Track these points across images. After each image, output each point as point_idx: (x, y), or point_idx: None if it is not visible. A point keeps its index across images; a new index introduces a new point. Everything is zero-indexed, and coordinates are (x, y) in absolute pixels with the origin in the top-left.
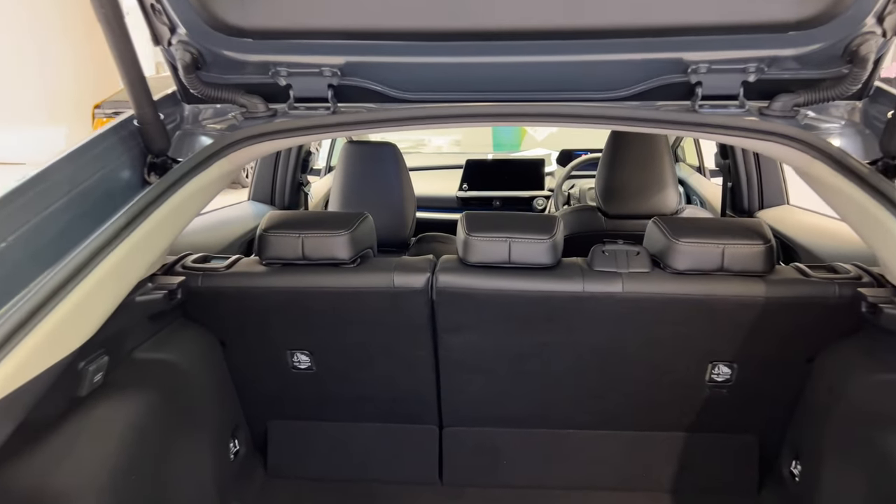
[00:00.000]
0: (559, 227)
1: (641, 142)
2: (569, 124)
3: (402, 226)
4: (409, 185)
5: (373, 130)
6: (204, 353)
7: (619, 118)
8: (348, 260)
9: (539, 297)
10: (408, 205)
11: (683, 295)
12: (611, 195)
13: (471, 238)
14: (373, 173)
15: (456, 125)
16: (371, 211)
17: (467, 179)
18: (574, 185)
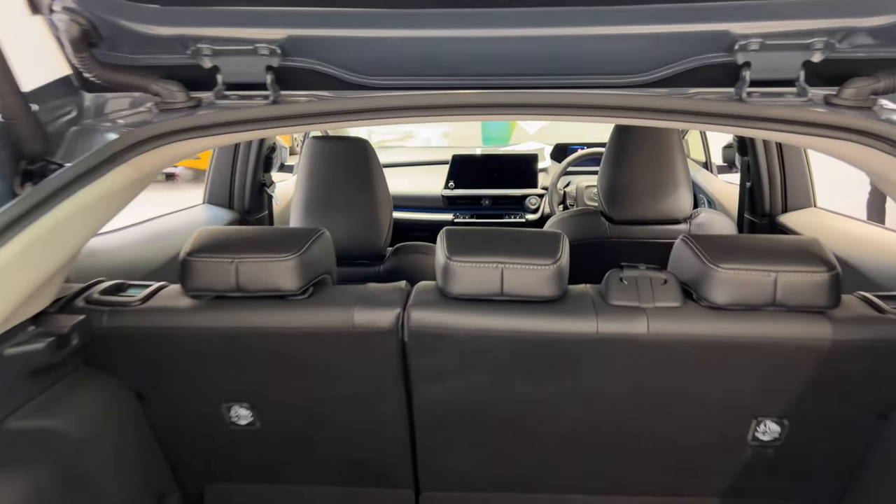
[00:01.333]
0: (564, 247)
1: (651, 136)
2: (577, 118)
3: (375, 235)
4: (383, 187)
5: (327, 125)
6: (114, 412)
7: (641, 110)
8: (296, 291)
9: (540, 339)
10: (382, 210)
11: (724, 337)
12: (616, 197)
13: (453, 264)
14: (341, 174)
15: (433, 119)
16: (339, 219)
17: (454, 176)
18: (570, 182)
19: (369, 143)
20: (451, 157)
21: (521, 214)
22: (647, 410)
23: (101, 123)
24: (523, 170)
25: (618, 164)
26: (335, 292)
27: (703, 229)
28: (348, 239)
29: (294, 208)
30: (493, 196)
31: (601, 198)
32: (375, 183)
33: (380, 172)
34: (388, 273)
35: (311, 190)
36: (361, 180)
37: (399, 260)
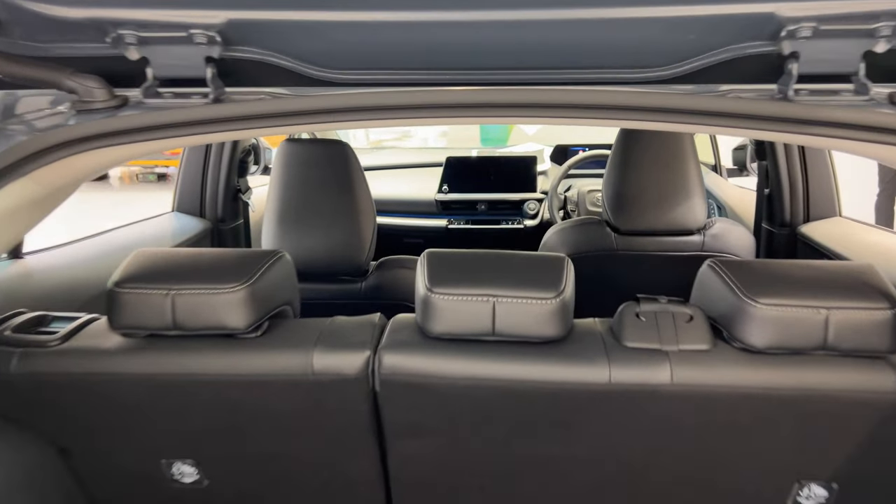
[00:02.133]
0: (568, 275)
1: (662, 138)
2: (584, 120)
3: (356, 247)
4: (365, 194)
5: (285, 127)
6: (30, 470)
7: (663, 111)
8: (245, 328)
9: (540, 389)
10: (364, 220)
11: (763, 387)
12: (622, 205)
13: (434, 297)
14: (317, 181)
15: (411, 122)
16: (316, 230)
17: (448, 180)
18: (571, 186)
19: (349, 146)
20: (445, 160)
21: (519, 220)
22: (670, 473)
23: (8, 126)
24: (521, 173)
25: (625, 168)
26: (294, 329)
27: (719, 241)
28: (326, 253)
29: (266, 219)
30: (489, 200)
31: (606, 206)
32: (356, 190)
33: (361, 178)
34: (370, 290)
35: (284, 198)
36: (340, 187)
37: (383, 275)
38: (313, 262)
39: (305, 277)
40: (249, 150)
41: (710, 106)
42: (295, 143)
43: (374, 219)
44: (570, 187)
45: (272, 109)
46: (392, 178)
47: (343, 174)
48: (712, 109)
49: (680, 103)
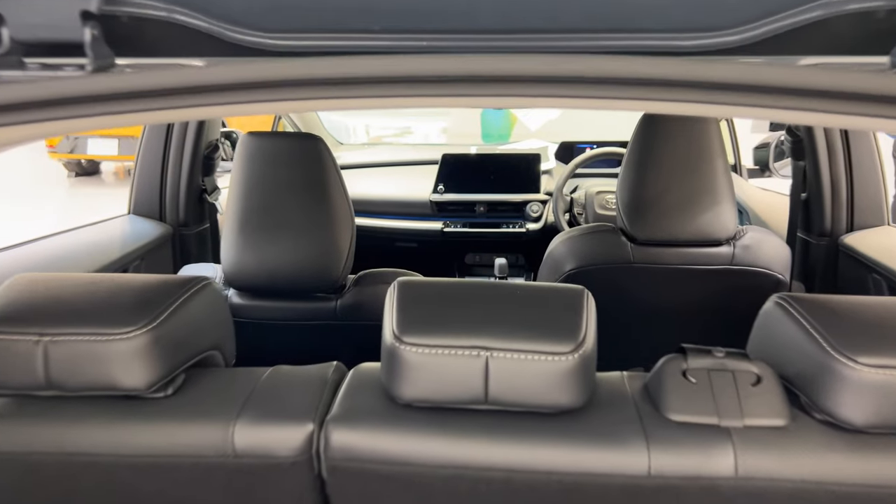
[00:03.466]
0: (589, 317)
1: (687, 133)
2: (614, 101)
3: (331, 259)
4: (342, 199)
5: (200, 109)
6: None
7: (724, 88)
8: (147, 388)
9: (550, 481)
10: (340, 228)
11: (865, 482)
12: (640, 211)
13: (405, 350)
14: (285, 183)
15: (377, 101)
16: (284, 240)
17: (444, 179)
18: (577, 187)
19: (323, 141)
20: (441, 157)
21: (520, 223)
22: None
23: None
24: (524, 172)
25: (643, 168)
26: (217, 387)
27: (751, 253)
28: (295, 266)
29: (226, 227)
30: (488, 202)
31: (621, 212)
32: (331, 193)
33: (337, 180)
34: (346, 309)
35: (245, 202)
36: (313, 190)
37: (362, 292)
38: (280, 277)
39: (270, 294)
40: (216, 145)
41: (794, 80)
42: (258, 137)
43: (353, 227)
44: (576, 188)
45: (176, 83)
46: (384, 176)
47: (316, 175)
48: (798, 85)
49: (753, 77)
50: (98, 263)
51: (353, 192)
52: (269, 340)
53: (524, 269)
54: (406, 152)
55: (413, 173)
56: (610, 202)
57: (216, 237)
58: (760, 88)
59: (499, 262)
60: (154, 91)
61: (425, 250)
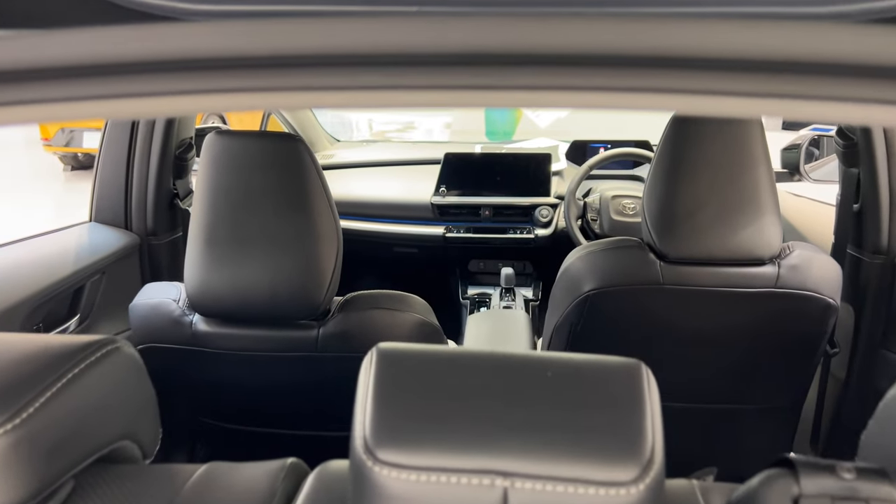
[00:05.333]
0: (654, 409)
1: (725, 134)
2: (690, 97)
3: (313, 281)
4: (326, 210)
5: (84, 105)
6: None
7: (852, 72)
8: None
9: None
10: (324, 245)
11: None
12: (671, 225)
13: (380, 474)
14: (259, 191)
15: (346, 100)
16: (256, 260)
17: (446, 180)
18: (591, 190)
19: (303, 142)
20: (443, 157)
21: (529, 229)
22: None
23: None
24: (532, 173)
25: (675, 175)
26: (116, 499)
27: (799, 274)
28: (270, 288)
29: (190, 241)
30: (494, 205)
31: (649, 225)
32: (313, 203)
33: (320, 188)
34: (330, 339)
35: (212, 214)
36: (292, 199)
37: (350, 319)
38: (252, 301)
39: (241, 321)
40: (189, 144)
41: None
42: (226, 137)
43: (339, 242)
44: (589, 191)
45: (40, 61)
46: (382, 175)
47: (295, 181)
48: None
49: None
50: (47, 281)
51: (348, 193)
52: (239, 374)
53: (532, 278)
54: (406, 150)
55: (413, 173)
56: (627, 207)
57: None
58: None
59: (505, 271)
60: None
61: (426, 256)
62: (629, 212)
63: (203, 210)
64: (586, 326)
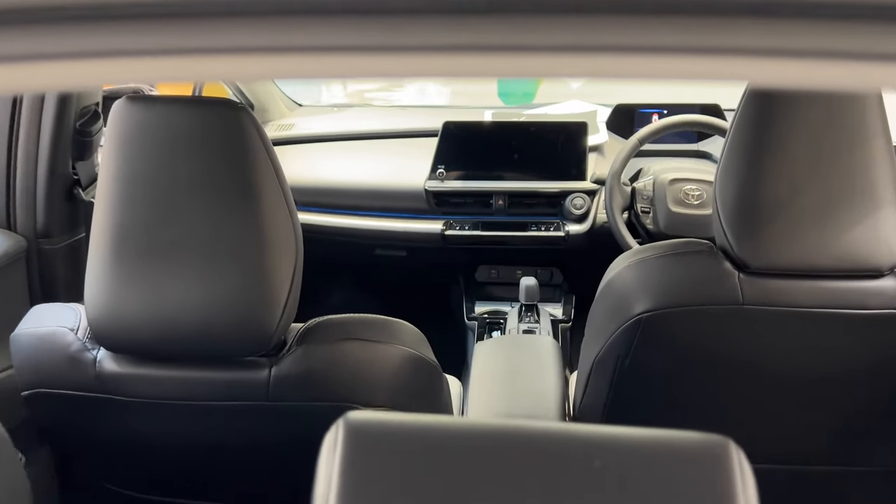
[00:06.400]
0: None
1: (825, 103)
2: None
3: (261, 304)
4: (279, 205)
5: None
6: None
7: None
8: None
9: None
10: (276, 253)
11: None
12: (753, 224)
13: None
14: (185, 180)
15: (321, 68)
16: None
17: (445, 158)
18: (641, 171)
19: (246, 111)
20: (442, 127)
21: (558, 224)
22: None
23: None
24: (562, 149)
25: (760, 153)
26: None
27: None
28: (204, 315)
29: (91, 249)
30: (510, 192)
31: (723, 224)
32: (262, 194)
33: (271, 170)
34: (283, 385)
35: (122, 212)
36: (232, 190)
37: (312, 355)
38: (178, 332)
39: (163, 358)
40: (95, 112)
41: None
42: (140, 104)
43: (297, 249)
44: (639, 173)
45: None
46: (359, 152)
47: (237, 165)
48: None
49: None
50: None
51: (313, 176)
52: (160, 430)
53: (562, 291)
54: (392, 118)
55: (401, 149)
56: (692, 195)
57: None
58: None
59: (526, 282)
60: None
61: (418, 262)
62: (694, 201)
63: (110, 206)
64: (638, 361)
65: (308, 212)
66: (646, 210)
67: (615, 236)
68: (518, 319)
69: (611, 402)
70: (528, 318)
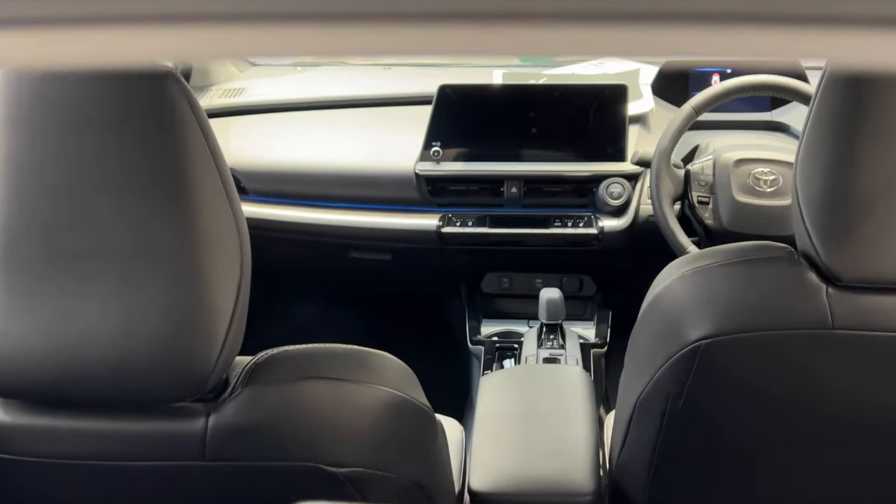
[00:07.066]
0: None
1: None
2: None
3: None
4: (216, 195)
5: None
6: None
7: None
8: None
9: None
10: (215, 263)
11: None
12: (846, 224)
13: None
14: (94, 170)
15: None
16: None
17: (441, 132)
18: (698, 149)
19: (174, 77)
20: (437, 91)
21: (589, 218)
22: None
23: None
24: (594, 119)
25: (851, 139)
26: None
27: None
28: (119, 348)
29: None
30: (526, 177)
31: (806, 223)
32: (193, 185)
33: (206, 154)
34: (225, 439)
35: (12, 215)
36: (155, 187)
37: (260, 399)
38: (86, 372)
39: (67, 405)
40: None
41: None
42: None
43: (244, 253)
44: (696, 152)
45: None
46: (327, 125)
47: (162, 152)
48: None
49: None
50: None
51: (269, 157)
52: (64, 496)
53: (594, 307)
54: (372, 80)
55: (384, 121)
56: (765, 181)
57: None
58: None
59: (547, 295)
60: None
61: (407, 269)
62: (767, 188)
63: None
64: (694, 403)
65: (261, 203)
66: (704, 200)
67: (664, 235)
68: (537, 344)
69: (659, 454)
70: (551, 342)
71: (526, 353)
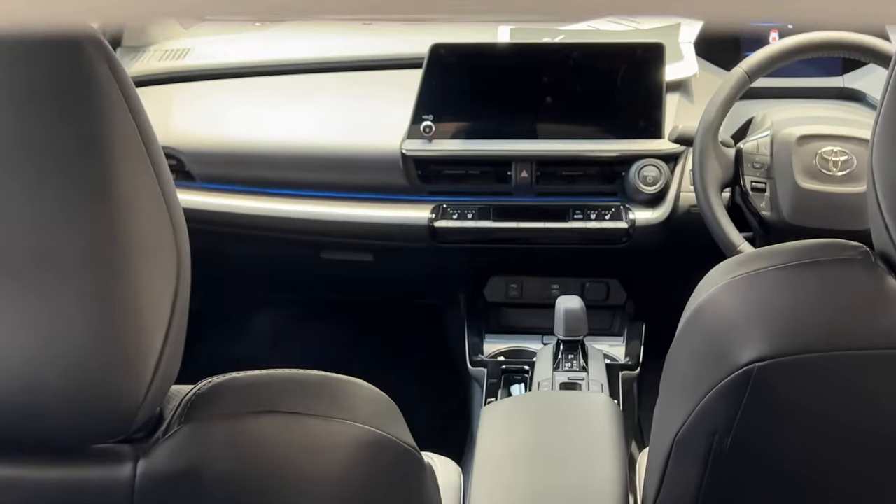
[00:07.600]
0: None
1: None
2: None
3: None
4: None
5: None
6: None
7: None
8: None
9: None
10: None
11: None
12: None
13: None
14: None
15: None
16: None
17: (433, 103)
18: (752, 122)
19: (96, 39)
20: (429, 51)
21: (617, 208)
22: None
23: None
24: (623, 87)
25: None
26: None
27: None
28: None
29: None
30: (539, 159)
31: (885, 212)
32: (120, 181)
33: (136, 140)
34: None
35: None
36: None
37: (202, 440)
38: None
39: None
40: None
41: None
42: None
43: (181, 257)
44: (749, 126)
45: None
46: (294, 96)
47: (76, 136)
48: None
49: None
50: None
51: (220, 134)
52: None
53: (624, 318)
54: (348, 38)
55: (363, 89)
56: (835, 162)
57: None
58: None
59: (566, 304)
60: None
61: (391, 273)
62: (837, 172)
63: None
64: (746, 438)
65: (211, 192)
66: (759, 186)
67: (709, 229)
68: (553, 365)
69: (703, 501)
70: (570, 364)
71: (539, 378)
